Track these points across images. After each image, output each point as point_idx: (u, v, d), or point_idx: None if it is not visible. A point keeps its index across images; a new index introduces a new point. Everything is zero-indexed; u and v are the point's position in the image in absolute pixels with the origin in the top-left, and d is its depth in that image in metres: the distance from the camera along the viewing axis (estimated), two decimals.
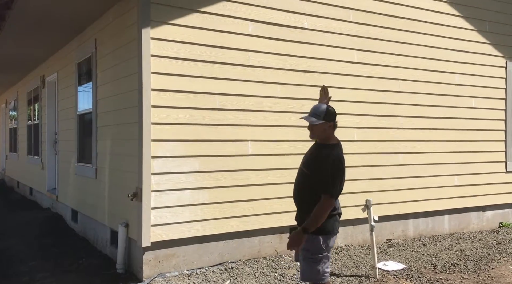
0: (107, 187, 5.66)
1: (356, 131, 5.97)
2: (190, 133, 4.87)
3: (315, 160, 3.19)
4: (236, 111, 5.14)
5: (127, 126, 5.04)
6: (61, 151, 7.96)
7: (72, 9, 5.61)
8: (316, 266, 3.17)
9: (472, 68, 7.03)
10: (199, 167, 4.92)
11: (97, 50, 5.98)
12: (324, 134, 3.25)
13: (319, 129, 3.23)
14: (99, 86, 5.93)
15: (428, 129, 6.60)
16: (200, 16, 4.92)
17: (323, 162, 3.11)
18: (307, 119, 3.23)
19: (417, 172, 6.49)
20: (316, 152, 3.25)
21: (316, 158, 3.19)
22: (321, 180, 3.09)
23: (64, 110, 7.68)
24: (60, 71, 7.91)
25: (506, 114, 7.44)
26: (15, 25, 6.25)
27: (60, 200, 7.91)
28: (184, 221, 4.82)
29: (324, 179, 3.08)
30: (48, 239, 6.49)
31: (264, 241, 5.39)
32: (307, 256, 3.19)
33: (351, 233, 5.97)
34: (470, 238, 6.65)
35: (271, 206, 5.31)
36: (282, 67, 5.43)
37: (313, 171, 3.16)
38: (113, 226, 5.40)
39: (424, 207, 6.56)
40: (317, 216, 3.06)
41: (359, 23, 6.00)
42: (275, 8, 5.38)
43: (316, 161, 3.17)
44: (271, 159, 5.33)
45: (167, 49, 4.73)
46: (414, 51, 6.46)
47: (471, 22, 7.02)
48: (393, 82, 6.29)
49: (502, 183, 7.35)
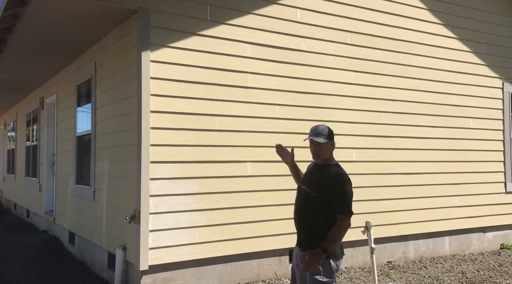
0: (105, 209, 5.62)
1: (355, 152, 5.97)
2: (189, 154, 4.87)
3: (324, 181, 3.14)
4: (235, 132, 5.15)
5: (125, 148, 5.04)
6: (59, 172, 7.93)
7: (73, 33, 5.67)
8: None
9: (469, 89, 7.09)
10: (197, 188, 4.89)
11: (97, 72, 6.02)
12: (327, 154, 3.26)
13: (324, 148, 3.22)
14: (98, 108, 5.95)
15: (426, 150, 6.60)
16: (199, 39, 4.97)
17: (337, 181, 3.11)
18: (316, 138, 3.20)
19: (417, 192, 6.47)
20: (322, 173, 3.21)
21: (325, 179, 3.15)
22: (337, 200, 3.07)
23: (63, 131, 7.68)
24: (59, 93, 7.95)
25: (504, 135, 7.46)
26: (16, 49, 6.31)
27: (57, 222, 7.84)
28: (182, 244, 4.76)
29: (340, 199, 3.07)
30: (45, 263, 6.39)
31: (263, 264, 5.32)
32: (317, 280, 3.10)
33: (352, 255, 5.91)
34: (472, 260, 6.58)
35: (270, 228, 5.27)
36: (281, 88, 5.47)
37: (323, 192, 3.11)
38: (110, 248, 5.33)
39: (424, 228, 6.51)
40: (337, 237, 3.03)
41: (356, 45, 6.07)
42: (273, 31, 5.45)
43: (327, 181, 3.13)
44: (270, 180, 5.31)
45: (167, 72, 4.77)
46: (411, 73, 6.52)
47: (467, 44, 7.11)
48: (391, 103, 6.33)
49: (502, 204, 7.32)
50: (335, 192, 3.09)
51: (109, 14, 4.93)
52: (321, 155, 3.24)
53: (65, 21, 5.19)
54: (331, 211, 3.09)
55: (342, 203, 3.08)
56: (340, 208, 3.08)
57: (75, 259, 6.61)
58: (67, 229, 7.23)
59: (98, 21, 5.15)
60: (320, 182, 3.17)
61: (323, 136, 3.20)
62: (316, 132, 3.23)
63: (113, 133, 5.46)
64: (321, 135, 3.21)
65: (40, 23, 5.27)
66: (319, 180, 3.20)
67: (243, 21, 5.24)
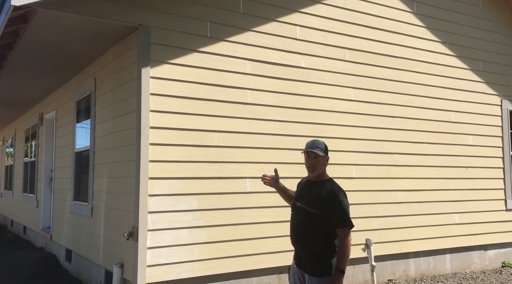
0: (103, 226, 5.56)
1: (354, 169, 5.95)
2: (188, 170, 4.84)
3: (323, 197, 3.14)
4: (235, 148, 5.14)
5: (124, 164, 5.01)
6: (57, 188, 7.88)
7: (73, 49, 5.70)
8: None
9: (468, 106, 7.11)
10: (196, 205, 4.85)
11: (97, 88, 6.03)
12: (322, 168, 3.28)
13: (320, 162, 3.25)
14: (98, 124, 5.94)
15: (426, 167, 6.59)
16: (199, 55, 5.00)
17: (336, 196, 3.12)
18: (314, 150, 3.21)
19: (417, 209, 6.43)
20: (320, 189, 3.21)
21: (324, 195, 3.15)
22: (338, 215, 3.08)
23: (61, 147, 7.66)
24: (58, 108, 7.95)
25: (504, 152, 7.46)
26: (15, 65, 6.33)
27: (54, 239, 7.76)
28: (181, 261, 4.70)
29: (340, 213, 3.09)
30: (41, 280, 6.30)
31: (262, 282, 5.25)
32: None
33: (352, 273, 5.83)
34: (473, 278, 6.51)
35: (269, 245, 5.21)
36: (280, 105, 5.47)
37: (323, 208, 3.10)
38: (108, 266, 5.26)
39: (425, 246, 6.45)
40: (346, 253, 3.05)
41: (355, 62, 6.11)
42: (273, 48, 5.48)
43: (326, 197, 3.13)
44: (270, 196, 5.26)
45: (166, 88, 4.78)
46: (410, 89, 6.55)
47: (465, 61, 7.16)
48: (390, 119, 6.34)
49: (503, 221, 7.28)
50: (335, 207, 3.10)
51: (109, 31, 4.96)
52: (316, 169, 3.25)
53: (65, 37, 5.22)
54: (330, 226, 3.08)
55: (343, 217, 3.09)
56: (342, 222, 3.09)
57: (71, 276, 6.51)
58: (64, 246, 7.15)
59: (98, 37, 5.18)
60: (318, 198, 3.16)
61: (320, 150, 3.23)
62: (314, 145, 3.26)
63: (112, 149, 5.44)
64: (318, 148, 3.24)
65: (41, 39, 5.30)
66: (317, 196, 3.18)
67: (242, 38, 5.28)
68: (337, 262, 3.05)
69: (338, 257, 3.05)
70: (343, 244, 3.06)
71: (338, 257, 3.05)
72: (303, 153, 3.32)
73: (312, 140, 3.33)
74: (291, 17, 5.65)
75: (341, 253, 3.05)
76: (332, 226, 3.09)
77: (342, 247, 3.05)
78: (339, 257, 3.05)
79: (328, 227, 3.09)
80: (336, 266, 3.05)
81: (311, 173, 3.30)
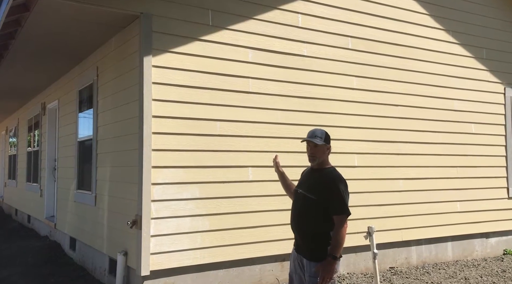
0: (106, 214, 5.60)
1: (356, 157, 5.96)
2: (191, 159, 4.86)
3: (322, 183, 3.19)
4: (237, 137, 5.14)
5: (127, 153, 5.03)
6: (60, 177, 7.92)
7: (75, 38, 5.68)
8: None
9: (471, 94, 7.08)
10: (199, 193, 4.88)
11: (99, 77, 6.03)
12: (323, 157, 3.30)
13: (320, 151, 3.27)
14: (100, 113, 5.95)
15: (428, 155, 6.59)
16: (201, 44, 4.98)
17: (334, 183, 3.15)
18: (313, 139, 3.24)
19: (419, 198, 6.44)
20: (319, 176, 3.25)
21: (323, 182, 3.19)
22: (335, 202, 3.11)
23: (64, 137, 7.69)
24: (61, 98, 7.96)
25: (506, 140, 7.45)
26: (17, 54, 6.32)
27: (58, 227, 7.82)
28: (184, 249, 4.74)
29: (337, 201, 3.11)
30: (45, 268, 6.37)
31: (265, 269, 5.30)
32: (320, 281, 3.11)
33: (354, 261, 5.87)
34: (474, 265, 6.54)
35: (271, 233, 5.25)
36: (282, 93, 5.47)
37: (322, 194, 3.15)
38: (111, 254, 5.31)
39: (427, 234, 6.48)
40: (340, 240, 3.08)
41: (358, 51, 6.08)
42: (275, 36, 5.45)
43: (325, 184, 3.17)
44: (272, 185, 5.29)
45: (168, 77, 4.77)
46: (413, 78, 6.52)
47: (469, 49, 7.11)
48: (393, 108, 6.32)
49: (505, 209, 7.29)
50: (333, 194, 3.13)
51: (111, 20, 4.95)
52: (317, 158, 3.28)
53: (67, 26, 5.21)
54: (328, 213, 3.12)
55: (340, 204, 3.12)
56: (338, 209, 3.12)
57: (76, 264, 6.58)
58: (68, 235, 7.21)
59: (100, 26, 5.17)
60: (318, 185, 3.21)
61: (319, 139, 3.25)
62: (313, 134, 3.29)
63: (114, 139, 5.46)
64: (318, 137, 3.26)
65: (43, 28, 5.28)
66: (316, 183, 3.23)
67: (244, 26, 5.25)
68: (331, 248, 3.09)
69: (332, 243, 3.09)
70: (338, 231, 3.09)
71: (332, 244, 3.09)
72: (304, 142, 3.33)
73: (313, 130, 3.36)
74: (293, 5, 5.61)
75: (335, 240, 3.08)
76: (330, 212, 3.12)
77: (337, 234, 3.09)
78: (333, 244, 3.09)
79: (326, 213, 3.14)
80: (329, 252, 3.08)
81: (311, 161, 3.34)
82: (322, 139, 3.26)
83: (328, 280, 3.07)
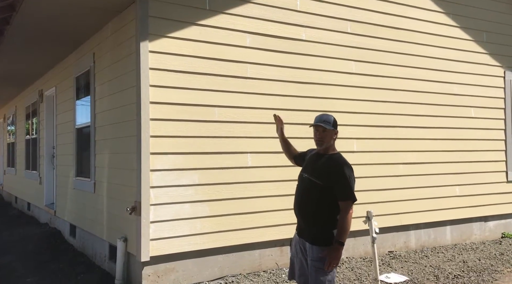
0: (106, 201, 5.61)
1: (356, 142, 5.95)
2: (189, 146, 4.84)
3: (329, 169, 3.19)
4: (235, 123, 5.12)
5: (125, 139, 5.01)
6: (59, 165, 7.92)
7: (71, 23, 5.62)
8: (333, 275, 3.17)
9: (470, 78, 7.04)
10: (198, 179, 4.88)
11: (95, 64, 5.98)
12: (330, 142, 3.31)
13: (328, 135, 3.28)
14: (97, 100, 5.92)
15: (428, 140, 6.58)
16: (198, 29, 4.92)
17: (342, 169, 3.15)
18: (323, 124, 3.25)
19: (418, 182, 6.45)
20: (326, 162, 3.25)
21: (330, 167, 3.19)
22: (341, 188, 3.12)
23: (62, 124, 7.66)
24: (58, 85, 7.91)
25: (506, 124, 7.43)
26: (13, 40, 6.26)
27: (58, 215, 7.84)
28: (184, 235, 4.76)
29: (344, 186, 3.12)
30: (46, 255, 6.41)
31: (264, 254, 5.32)
32: (319, 267, 3.12)
33: (353, 245, 5.90)
34: (473, 249, 6.58)
35: (271, 218, 5.26)
36: (281, 79, 5.43)
37: (328, 180, 3.15)
38: (111, 240, 5.33)
39: (425, 218, 6.51)
40: (346, 225, 3.09)
41: (356, 34, 6.02)
42: (273, 20, 5.39)
43: (332, 169, 3.17)
44: (271, 171, 5.30)
45: (166, 62, 4.73)
46: (412, 62, 6.47)
47: (469, 32, 7.05)
48: (392, 92, 6.29)
49: (504, 193, 7.31)
50: (340, 180, 3.13)
51: (107, 4, 4.88)
52: (325, 142, 3.29)
53: (63, 11, 5.13)
54: (333, 198, 3.12)
55: (347, 190, 3.13)
56: (345, 194, 3.12)
57: (76, 251, 6.62)
58: (68, 222, 7.24)
59: (96, 10, 5.10)
60: (324, 170, 3.21)
61: (328, 124, 3.28)
62: (322, 119, 3.30)
63: (112, 125, 5.44)
64: (326, 122, 3.28)
65: (38, 13, 5.22)
66: (323, 168, 3.23)
67: (242, 11, 5.19)
68: (337, 234, 3.11)
69: (338, 229, 3.10)
70: (344, 217, 3.10)
71: (338, 230, 3.10)
72: (312, 127, 3.33)
73: (321, 114, 3.37)
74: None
75: (341, 226, 3.10)
76: (335, 198, 3.12)
77: (343, 220, 3.10)
78: (339, 230, 3.10)
79: (331, 198, 3.14)
80: (336, 238, 3.10)
81: (319, 146, 3.34)
82: (330, 124, 3.28)
83: (334, 266, 3.09)
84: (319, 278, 3.13)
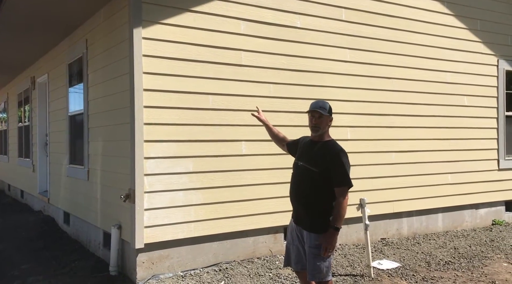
0: (100, 189, 5.60)
1: (349, 130, 5.96)
2: (183, 133, 4.83)
3: (324, 156, 3.21)
4: (230, 111, 5.11)
5: (119, 127, 4.99)
6: (52, 152, 7.88)
7: (63, 9, 5.54)
8: (330, 261, 3.22)
9: (464, 66, 7.06)
10: (192, 167, 4.88)
11: (88, 50, 5.92)
12: (326, 128, 3.33)
13: (324, 122, 3.30)
14: (91, 87, 5.87)
15: (421, 128, 6.61)
16: (192, 15, 4.88)
17: (338, 155, 3.17)
18: (320, 110, 3.27)
19: (411, 170, 6.50)
20: (321, 148, 3.27)
21: (326, 154, 3.21)
22: (337, 174, 3.14)
23: (55, 111, 7.60)
24: (50, 72, 7.83)
25: (498, 112, 7.48)
26: (3, 27, 6.17)
27: (51, 202, 7.83)
28: (178, 222, 4.78)
29: (340, 173, 3.14)
30: (40, 242, 6.41)
31: (258, 241, 5.36)
32: (316, 253, 3.17)
33: (346, 232, 5.96)
34: (464, 235, 6.67)
35: (265, 206, 5.29)
36: (275, 66, 5.41)
37: (324, 167, 3.16)
38: (105, 228, 5.34)
39: (418, 205, 6.57)
40: (342, 211, 3.13)
41: (351, 22, 6.00)
42: (267, 7, 5.35)
43: (327, 156, 3.19)
44: (265, 158, 5.31)
45: (159, 49, 4.69)
46: (406, 50, 6.47)
47: (463, 20, 7.05)
48: (386, 81, 6.30)
49: (495, 181, 7.39)
50: (335, 166, 3.16)
51: None
52: (320, 128, 3.30)
53: None
54: (330, 185, 3.13)
55: (343, 176, 3.15)
56: (340, 180, 3.15)
57: (70, 238, 6.63)
58: (62, 209, 7.23)
59: None
60: (320, 157, 3.22)
61: (324, 110, 3.29)
62: (318, 105, 3.32)
63: (106, 113, 5.41)
64: (322, 108, 3.30)
65: None
66: (318, 155, 3.24)
67: None
68: (333, 219, 3.14)
69: (334, 215, 3.14)
70: (339, 203, 3.13)
71: (334, 215, 3.14)
72: (307, 113, 3.34)
73: (317, 101, 3.40)
74: None
75: (337, 211, 3.13)
76: (331, 184, 3.14)
77: (339, 205, 3.13)
78: (334, 215, 3.13)
79: (328, 185, 3.17)
80: (331, 224, 3.13)
81: (314, 132, 3.35)
82: (326, 110, 3.30)
83: (330, 251, 3.14)
84: (316, 264, 3.18)
